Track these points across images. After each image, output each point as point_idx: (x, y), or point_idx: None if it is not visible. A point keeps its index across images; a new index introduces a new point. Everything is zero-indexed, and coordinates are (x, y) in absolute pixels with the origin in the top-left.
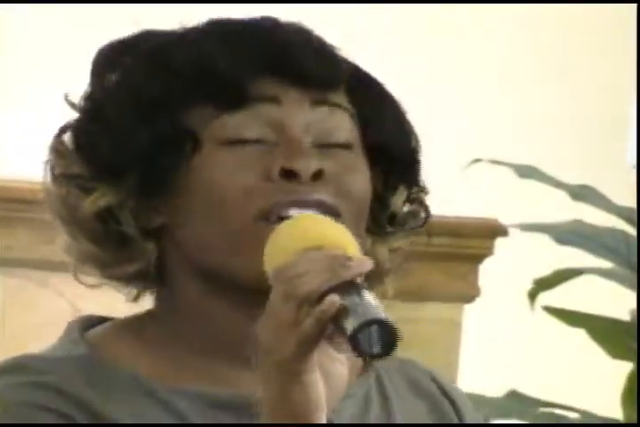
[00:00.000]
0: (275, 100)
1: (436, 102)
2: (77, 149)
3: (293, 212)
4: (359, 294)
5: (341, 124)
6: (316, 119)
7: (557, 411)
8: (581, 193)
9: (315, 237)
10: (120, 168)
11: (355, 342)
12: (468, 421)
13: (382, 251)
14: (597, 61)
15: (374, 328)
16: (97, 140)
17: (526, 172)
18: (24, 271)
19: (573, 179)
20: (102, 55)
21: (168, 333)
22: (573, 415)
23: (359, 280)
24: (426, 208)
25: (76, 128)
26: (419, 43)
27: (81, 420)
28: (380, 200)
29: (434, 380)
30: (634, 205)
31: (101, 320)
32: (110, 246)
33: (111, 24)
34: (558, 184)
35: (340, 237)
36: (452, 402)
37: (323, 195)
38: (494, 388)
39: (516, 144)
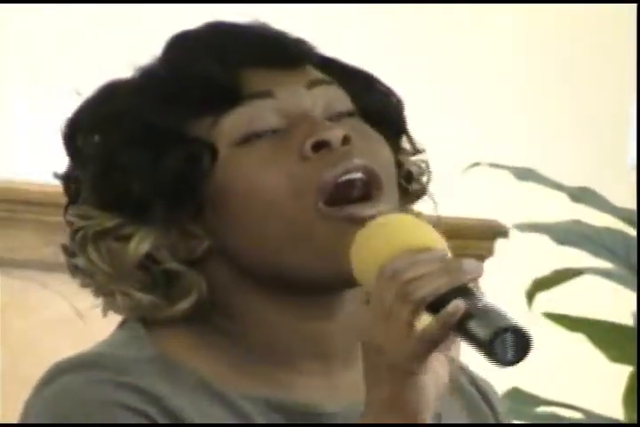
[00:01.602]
0: (268, 93)
1: (435, 104)
2: (101, 203)
3: (346, 177)
4: (478, 298)
5: (338, 95)
6: (315, 97)
7: (559, 410)
8: (581, 195)
9: (422, 237)
10: (150, 205)
11: (490, 349)
12: (501, 416)
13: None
14: (597, 61)
15: (509, 335)
16: (118, 185)
17: (525, 174)
18: (25, 273)
19: (574, 180)
20: (87, 109)
21: (226, 338)
22: (575, 415)
23: (471, 284)
24: (428, 169)
25: (92, 186)
26: (418, 44)
27: (162, 421)
28: (395, 161)
29: (469, 377)
30: (634, 206)
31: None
32: (160, 290)
33: (112, 24)
34: (557, 186)
35: (440, 239)
36: (487, 400)
37: (361, 159)
38: (495, 387)
39: (516, 145)
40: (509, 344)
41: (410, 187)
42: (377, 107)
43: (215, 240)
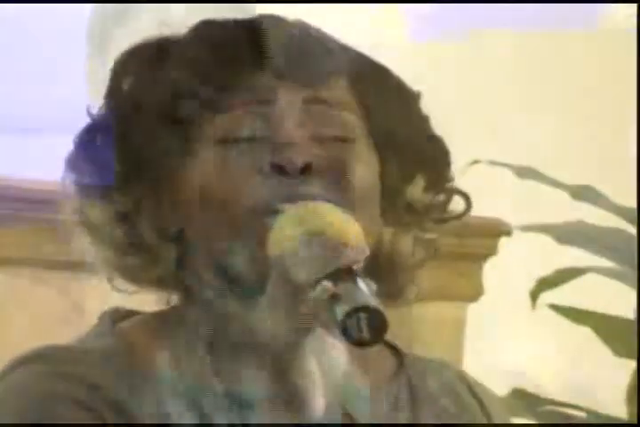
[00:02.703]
0: (265, 101)
1: (435, 103)
2: (86, 161)
3: (285, 206)
4: (353, 281)
5: (338, 118)
6: (310, 115)
7: (562, 409)
8: (581, 193)
9: (317, 223)
10: (125, 175)
11: (344, 328)
12: (495, 420)
13: (405, 241)
14: (598, 60)
15: (362, 315)
16: (103, 150)
17: (525, 173)
18: (25, 270)
19: (575, 179)
20: (115, 65)
21: (189, 330)
22: (578, 414)
23: (355, 267)
24: (466, 197)
25: (84, 140)
26: (421, 45)
27: (106, 414)
28: (395, 191)
29: (463, 380)
30: (634, 204)
31: (130, 313)
32: (133, 253)
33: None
34: (558, 184)
35: (342, 225)
36: (480, 402)
37: (313, 188)
38: (498, 387)
39: (516, 144)
40: (363, 324)
41: (407, 217)
42: (391, 131)
43: (186, 223)
